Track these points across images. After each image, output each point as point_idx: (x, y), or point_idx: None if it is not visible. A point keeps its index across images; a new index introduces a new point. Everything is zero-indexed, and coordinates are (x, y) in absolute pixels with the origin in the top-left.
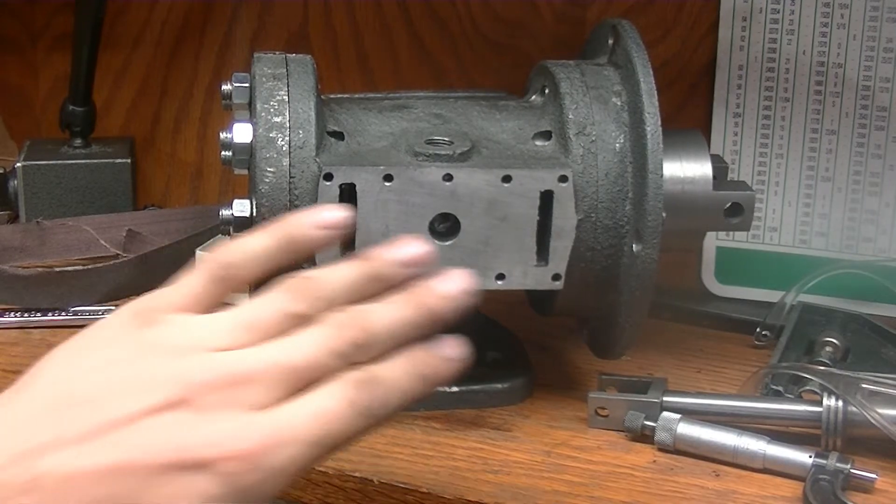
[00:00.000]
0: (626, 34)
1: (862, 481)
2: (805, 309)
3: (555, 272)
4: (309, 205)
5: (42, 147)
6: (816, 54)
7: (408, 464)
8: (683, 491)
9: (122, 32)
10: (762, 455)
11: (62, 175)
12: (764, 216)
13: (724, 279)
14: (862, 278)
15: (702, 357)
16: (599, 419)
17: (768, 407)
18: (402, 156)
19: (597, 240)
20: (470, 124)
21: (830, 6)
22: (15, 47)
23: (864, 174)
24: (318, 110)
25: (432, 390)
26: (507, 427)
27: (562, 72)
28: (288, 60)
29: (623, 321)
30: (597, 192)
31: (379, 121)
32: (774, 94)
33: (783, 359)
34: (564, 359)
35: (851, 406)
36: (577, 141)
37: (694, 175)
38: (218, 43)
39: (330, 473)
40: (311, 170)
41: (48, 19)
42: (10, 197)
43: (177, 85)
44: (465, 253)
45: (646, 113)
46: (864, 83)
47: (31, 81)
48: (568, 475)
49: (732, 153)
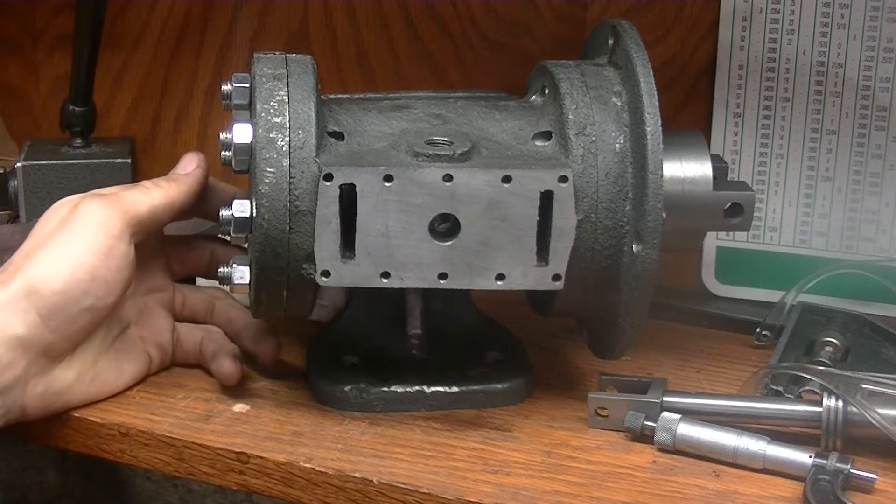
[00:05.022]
0: (626, 34)
1: (862, 481)
2: (805, 309)
3: (555, 272)
4: (309, 205)
5: (42, 147)
6: (816, 54)
7: (408, 464)
8: (683, 491)
9: (122, 32)
10: (762, 455)
11: (62, 175)
12: (764, 216)
13: (724, 279)
14: (862, 278)
15: (702, 357)
16: (599, 419)
17: (768, 407)
18: (402, 156)
19: (597, 240)
20: (470, 124)
21: (830, 6)
22: (15, 47)
23: (864, 174)
24: (318, 110)
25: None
26: (507, 427)
27: (562, 72)
28: (288, 60)
29: (623, 321)
30: (597, 192)
31: (379, 121)
32: (774, 94)
33: (783, 359)
34: (564, 359)
35: (851, 406)
36: (577, 141)
37: (694, 175)
38: (218, 43)
39: (330, 473)
40: (311, 170)
41: (48, 19)
42: (10, 197)
43: (177, 85)
44: (465, 253)
45: (646, 113)
46: (864, 83)
47: (31, 81)
48: (568, 475)
49: (732, 153)
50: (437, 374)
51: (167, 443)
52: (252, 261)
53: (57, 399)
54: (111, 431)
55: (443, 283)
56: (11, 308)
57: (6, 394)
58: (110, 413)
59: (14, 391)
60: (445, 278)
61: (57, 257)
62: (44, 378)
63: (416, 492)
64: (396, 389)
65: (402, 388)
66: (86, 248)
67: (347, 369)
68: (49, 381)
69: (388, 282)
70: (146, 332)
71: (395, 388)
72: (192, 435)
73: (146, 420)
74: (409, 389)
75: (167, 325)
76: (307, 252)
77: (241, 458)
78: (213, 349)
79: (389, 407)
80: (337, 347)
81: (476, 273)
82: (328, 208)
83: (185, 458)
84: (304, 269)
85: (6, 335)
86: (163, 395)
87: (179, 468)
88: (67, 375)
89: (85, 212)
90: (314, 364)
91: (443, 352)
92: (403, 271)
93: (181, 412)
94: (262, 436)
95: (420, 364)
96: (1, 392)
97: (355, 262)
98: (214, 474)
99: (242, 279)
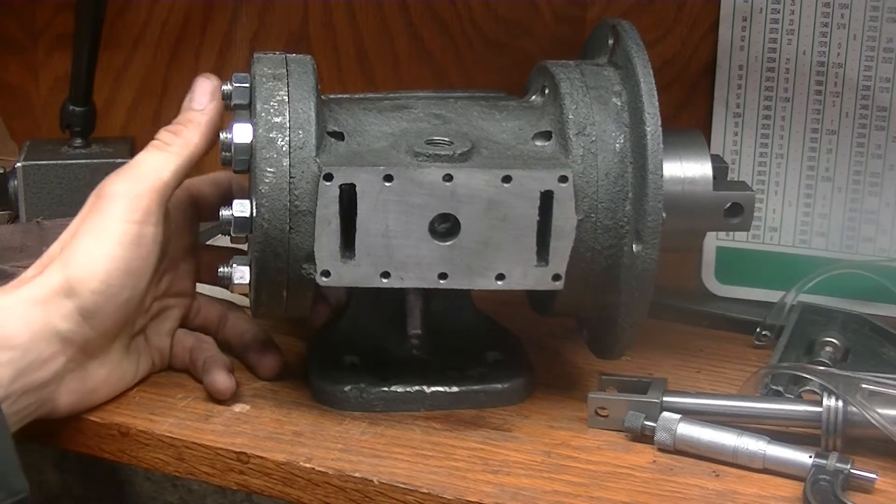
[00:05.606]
0: (626, 34)
1: (862, 481)
2: (805, 309)
3: (555, 272)
4: (309, 205)
5: (42, 147)
6: (816, 54)
7: (408, 464)
8: (683, 491)
9: (122, 32)
10: (762, 455)
11: (62, 175)
12: (764, 216)
13: (724, 279)
14: (862, 278)
15: (702, 357)
16: (599, 419)
17: (768, 407)
18: (402, 156)
19: (597, 240)
20: (470, 124)
21: (830, 6)
22: (15, 47)
23: (864, 174)
24: (318, 110)
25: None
26: (507, 427)
27: (562, 72)
28: (288, 60)
29: (623, 321)
30: (597, 192)
31: (379, 121)
32: (774, 94)
33: (783, 359)
34: (564, 359)
35: (851, 406)
36: (577, 141)
37: (694, 175)
38: (218, 43)
39: (330, 473)
40: (311, 170)
41: (48, 19)
42: (10, 197)
43: (177, 85)
44: (465, 253)
45: (646, 113)
46: (864, 83)
47: (31, 81)
48: (568, 475)
49: (732, 153)
50: (437, 373)
51: (167, 443)
52: (252, 261)
53: (88, 396)
54: (111, 431)
55: (443, 283)
56: (54, 304)
57: (43, 388)
58: (110, 413)
59: (51, 386)
60: (445, 278)
61: (91, 253)
62: (79, 374)
63: (416, 492)
64: (396, 389)
65: (402, 388)
66: (116, 239)
67: (347, 369)
68: (84, 377)
69: (388, 282)
70: (152, 333)
71: (395, 388)
72: (192, 435)
73: (146, 420)
74: (409, 389)
75: (170, 330)
76: (307, 252)
77: (241, 458)
78: (206, 360)
79: (389, 407)
80: (337, 347)
81: (476, 273)
82: (328, 208)
83: (185, 458)
84: (304, 269)
85: (48, 330)
86: (163, 395)
87: (179, 468)
88: (101, 372)
89: (110, 197)
90: (314, 364)
91: (443, 352)
92: (403, 271)
93: (181, 412)
94: (262, 436)
95: (420, 364)
96: (39, 387)
97: (355, 262)
98: (214, 474)
99: (242, 279)
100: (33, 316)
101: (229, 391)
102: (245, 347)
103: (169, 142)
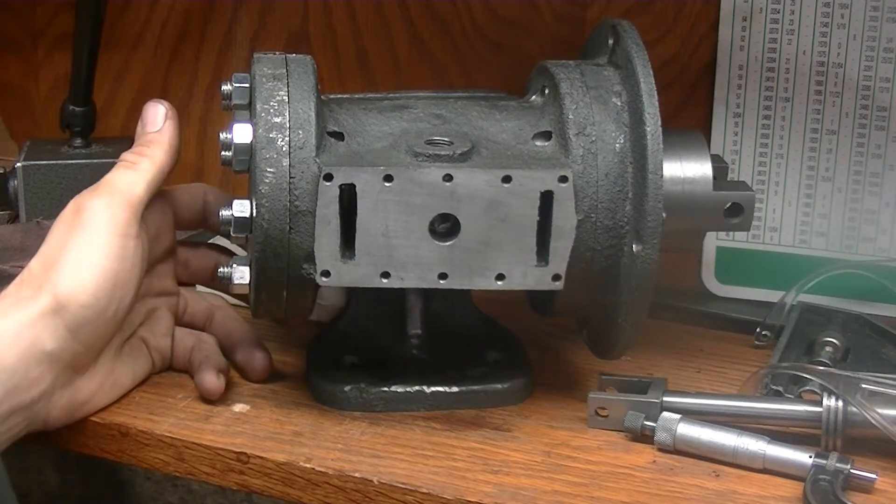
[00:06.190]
0: (626, 34)
1: (862, 481)
2: (805, 309)
3: (555, 272)
4: (309, 205)
5: (42, 147)
6: (816, 54)
7: (408, 464)
8: (683, 491)
9: (122, 32)
10: (762, 455)
11: (62, 175)
12: (764, 216)
13: (724, 279)
14: (862, 278)
15: (702, 357)
16: (599, 419)
17: (768, 407)
18: (402, 156)
19: (597, 240)
20: (470, 124)
21: (830, 6)
22: (15, 47)
23: (864, 174)
24: (318, 110)
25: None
26: (507, 427)
27: (562, 72)
28: (288, 60)
29: (623, 321)
30: (597, 192)
31: (379, 121)
32: (774, 94)
33: (783, 359)
34: (564, 359)
35: (851, 406)
36: (577, 141)
37: (694, 175)
38: (218, 43)
39: (330, 473)
40: (311, 170)
41: (48, 19)
42: (10, 197)
43: (177, 85)
44: (465, 253)
45: (646, 113)
46: (864, 83)
47: (31, 81)
48: (568, 475)
49: (732, 153)
50: (437, 374)
51: (167, 443)
52: (252, 261)
53: (80, 409)
54: (111, 431)
55: (443, 283)
56: (42, 324)
57: (31, 407)
58: (110, 413)
59: (39, 404)
60: (445, 278)
61: (79, 267)
62: (69, 389)
63: (416, 492)
64: (396, 389)
65: (402, 388)
66: (103, 252)
67: (347, 369)
68: (73, 391)
69: (388, 282)
70: (148, 335)
71: (395, 388)
72: (192, 435)
73: (146, 420)
74: (409, 389)
75: (168, 330)
76: (307, 252)
77: (241, 458)
78: (200, 360)
79: (389, 407)
80: (337, 347)
81: (476, 273)
82: (328, 208)
83: (185, 458)
84: (304, 269)
85: (35, 351)
86: (163, 395)
87: (179, 468)
88: (90, 385)
89: (91, 213)
90: (314, 364)
91: (443, 352)
92: (403, 271)
93: (181, 412)
94: (262, 436)
95: (420, 364)
96: (27, 406)
97: (355, 262)
98: (214, 474)
99: (242, 279)
100: (21, 337)
101: (217, 392)
102: (232, 348)
103: (136, 161)
